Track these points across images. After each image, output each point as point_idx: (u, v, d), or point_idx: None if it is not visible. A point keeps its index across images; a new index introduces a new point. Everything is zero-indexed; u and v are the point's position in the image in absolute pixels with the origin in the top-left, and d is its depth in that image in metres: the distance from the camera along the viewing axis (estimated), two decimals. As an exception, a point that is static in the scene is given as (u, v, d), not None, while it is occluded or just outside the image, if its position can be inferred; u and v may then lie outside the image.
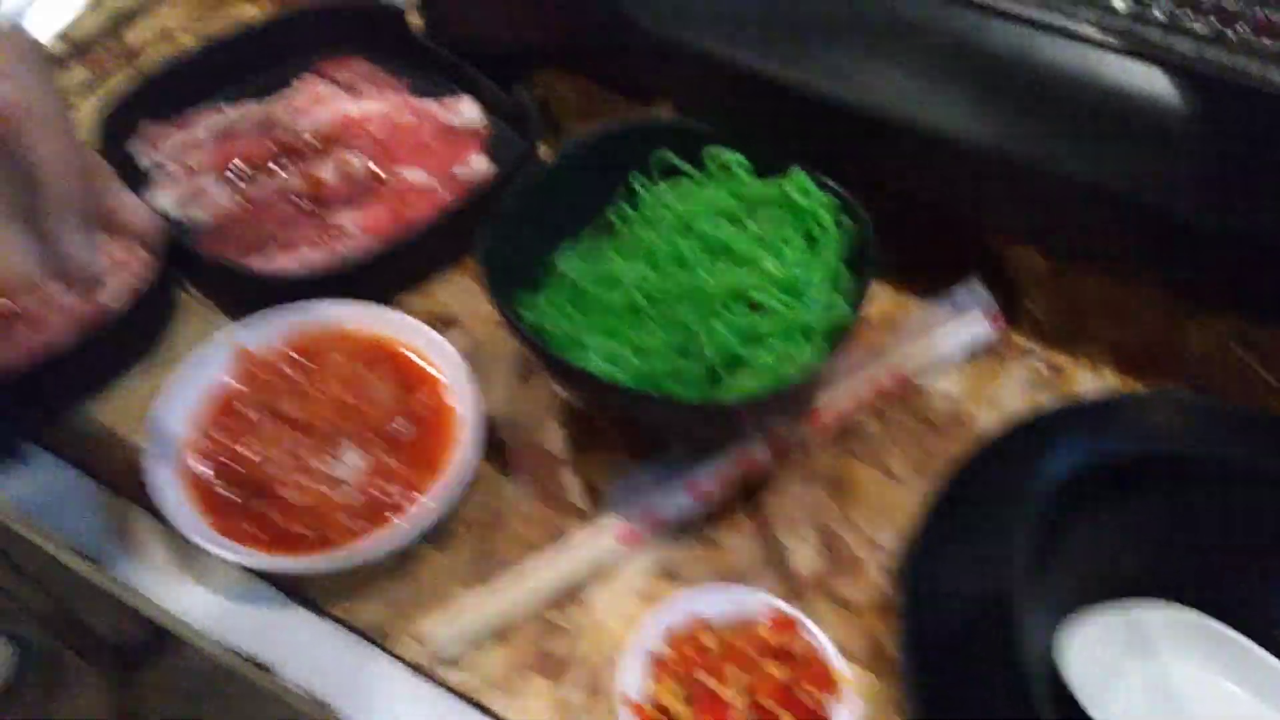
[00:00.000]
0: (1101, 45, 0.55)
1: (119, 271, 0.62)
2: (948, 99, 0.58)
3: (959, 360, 0.63)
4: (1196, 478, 0.49)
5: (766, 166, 0.60)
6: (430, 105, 0.75)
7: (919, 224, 0.64)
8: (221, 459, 0.53)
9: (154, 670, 1.43)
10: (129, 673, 1.40)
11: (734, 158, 0.60)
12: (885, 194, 0.59)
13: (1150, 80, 0.55)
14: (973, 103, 0.58)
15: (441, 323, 0.64)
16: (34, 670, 1.39)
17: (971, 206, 0.63)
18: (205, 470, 0.54)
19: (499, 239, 0.56)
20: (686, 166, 0.62)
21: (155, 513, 0.55)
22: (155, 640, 1.43)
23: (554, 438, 0.59)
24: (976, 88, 0.58)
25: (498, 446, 0.59)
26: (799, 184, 0.58)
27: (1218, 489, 0.49)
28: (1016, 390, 0.62)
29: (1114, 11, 0.56)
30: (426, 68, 0.78)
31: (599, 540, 0.53)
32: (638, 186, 0.62)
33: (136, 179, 0.69)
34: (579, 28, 0.70)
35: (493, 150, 0.73)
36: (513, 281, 0.57)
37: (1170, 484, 0.49)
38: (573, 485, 0.57)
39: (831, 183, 0.58)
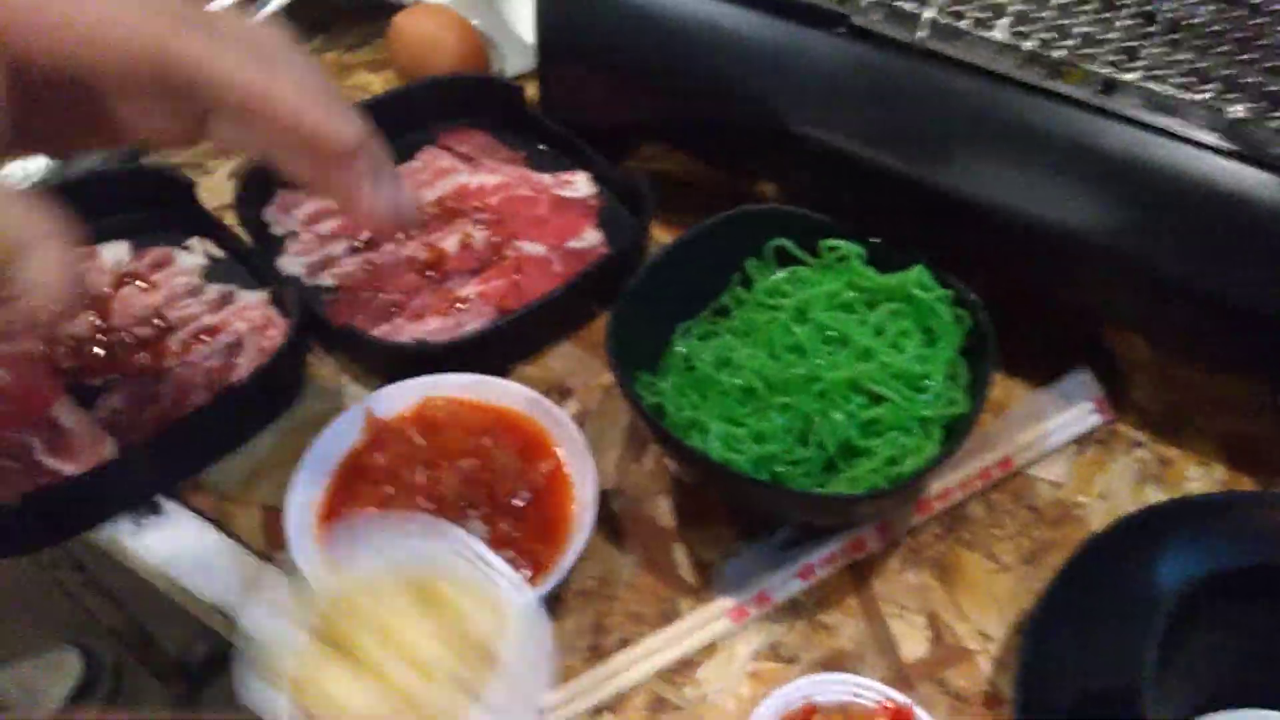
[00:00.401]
0: (1217, 150, 0.56)
1: (255, 334, 0.66)
2: (1063, 196, 0.59)
3: (1067, 449, 0.63)
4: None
5: (880, 257, 0.62)
6: (545, 179, 0.78)
7: (1028, 311, 0.65)
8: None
9: (215, 692, 1.47)
10: (193, 690, 1.43)
11: (853, 249, 0.62)
12: (994, 281, 0.60)
13: (1263, 184, 0.55)
14: (1087, 200, 0.59)
15: (557, 392, 0.66)
16: (100, 682, 1.43)
17: (1082, 298, 0.64)
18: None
19: (623, 323, 0.58)
20: (803, 254, 0.64)
21: (285, 569, 0.58)
22: (221, 660, 1.47)
23: (663, 511, 0.61)
24: (1092, 186, 0.59)
25: (609, 517, 0.60)
26: (919, 279, 0.59)
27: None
28: (1124, 481, 0.62)
29: (1230, 117, 0.57)
30: (542, 140, 0.82)
31: (712, 620, 0.55)
32: (753, 273, 0.64)
33: (271, 244, 0.72)
34: (689, 110, 0.72)
35: (603, 223, 0.76)
36: (633, 361, 0.59)
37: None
38: (682, 560, 0.59)
39: (951, 278, 0.59)
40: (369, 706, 0.41)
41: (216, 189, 0.81)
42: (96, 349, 0.65)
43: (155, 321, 0.66)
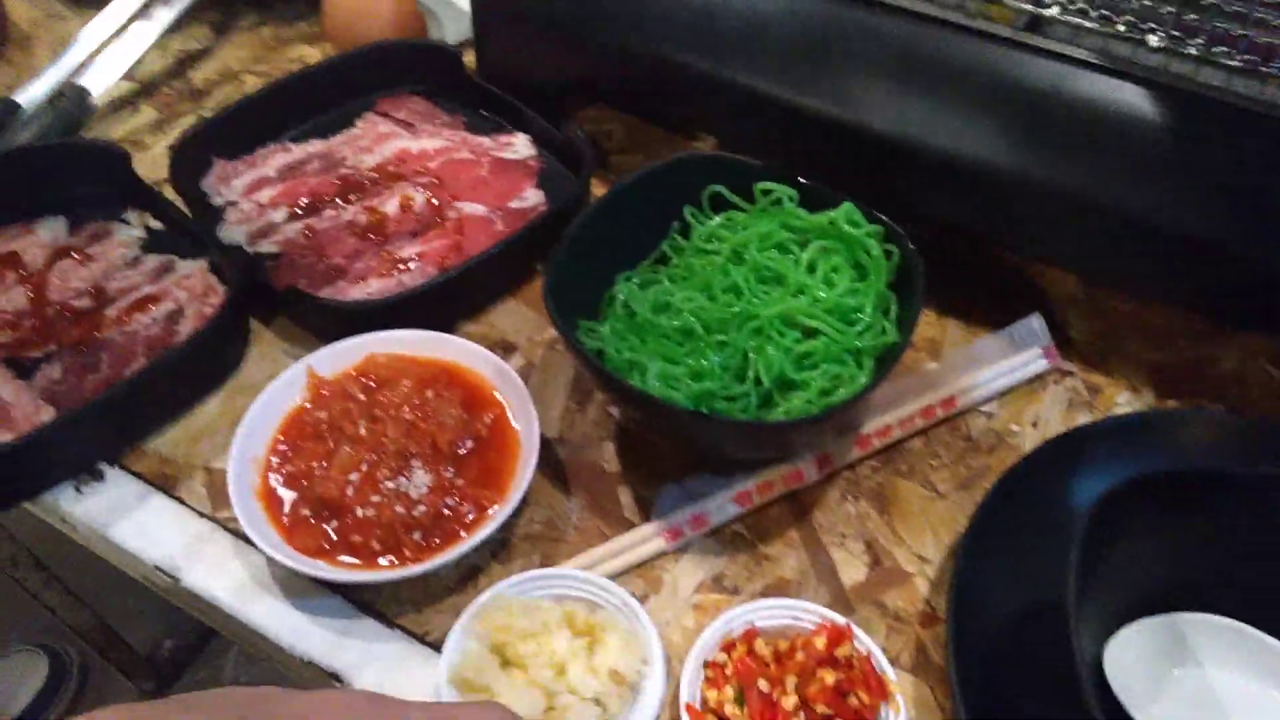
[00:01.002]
0: (1136, 79, 0.57)
1: (195, 302, 0.66)
2: (991, 132, 0.60)
3: (1012, 390, 0.65)
4: (1232, 492, 0.50)
5: (812, 199, 0.63)
6: (485, 141, 0.78)
7: (960, 251, 0.66)
8: (298, 479, 0.56)
9: (186, 686, 1.46)
10: (162, 687, 1.43)
11: (785, 191, 0.63)
12: (927, 223, 0.62)
13: (1183, 112, 0.57)
14: (1011, 135, 0.60)
15: (501, 348, 0.67)
16: (66, 682, 1.42)
17: (1010, 235, 0.66)
18: (282, 490, 0.56)
19: (562, 272, 0.59)
20: (738, 199, 0.65)
21: (230, 529, 0.58)
22: (189, 656, 1.47)
23: (608, 455, 0.62)
24: (1015, 121, 0.60)
25: (554, 464, 0.61)
26: (848, 215, 0.61)
27: (1253, 503, 0.51)
28: (1056, 410, 0.64)
29: (1149, 47, 0.59)
30: (481, 105, 0.82)
31: (645, 540, 0.56)
32: (691, 218, 0.65)
33: (209, 215, 0.72)
34: (624, 68, 0.72)
35: (545, 183, 0.76)
36: (576, 311, 0.60)
37: (1207, 499, 0.50)
38: (626, 500, 0.60)
39: (879, 213, 0.60)
40: (524, 708, 0.47)
41: (155, 163, 0.81)
42: (32, 322, 0.65)
43: (93, 293, 0.66)
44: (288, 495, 0.56)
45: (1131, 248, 0.61)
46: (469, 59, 0.82)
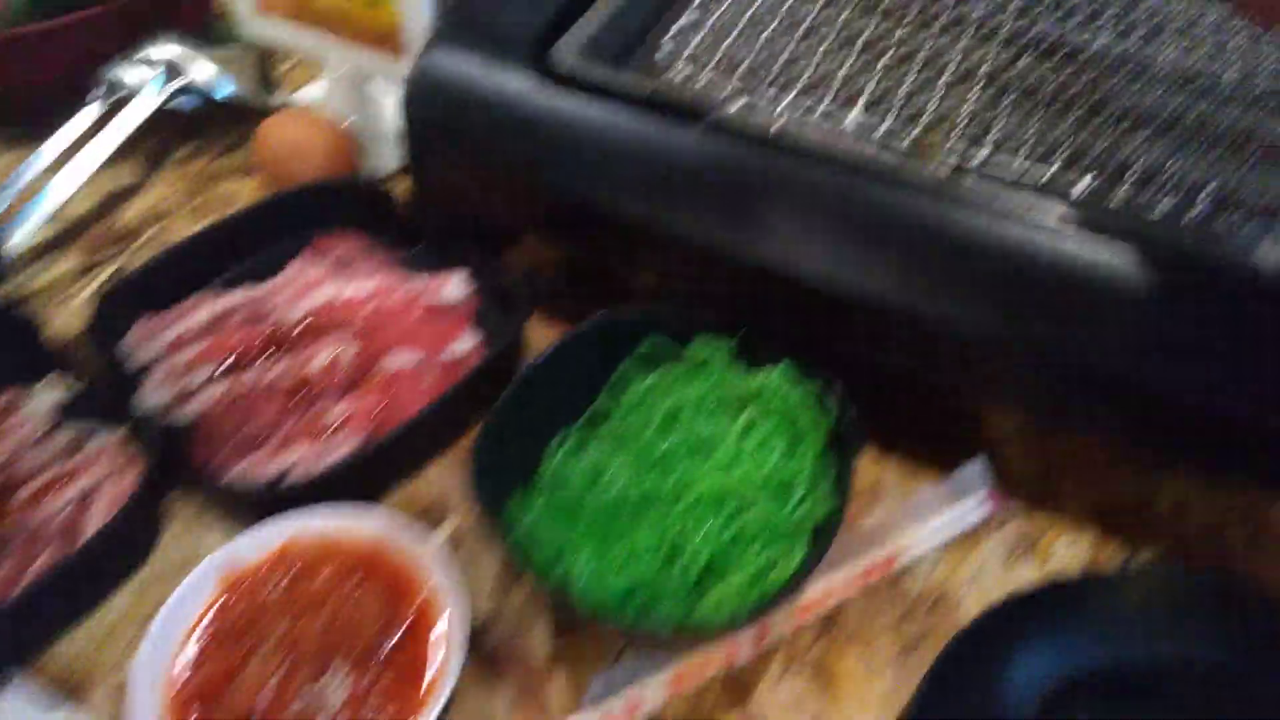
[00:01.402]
0: (1063, 229, 0.57)
1: (110, 481, 0.63)
2: (920, 281, 0.59)
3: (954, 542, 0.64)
4: (1174, 678, 0.49)
5: (750, 348, 0.62)
6: (419, 283, 0.77)
7: (900, 390, 0.65)
8: (209, 692, 0.53)
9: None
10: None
11: (717, 350, 0.62)
12: (865, 366, 0.61)
13: (1109, 258, 0.56)
14: (943, 283, 0.59)
15: (433, 510, 0.65)
16: None
17: (947, 380, 0.65)
18: (193, 705, 0.53)
19: (488, 451, 0.57)
20: (671, 358, 0.64)
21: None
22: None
23: (541, 637, 0.59)
24: (948, 269, 0.59)
25: (482, 653, 0.58)
26: (784, 375, 0.60)
27: (1202, 684, 0.49)
28: (996, 560, 0.62)
29: (1073, 199, 0.58)
30: (416, 239, 0.81)
31: None
32: (626, 376, 0.64)
33: (131, 376, 0.70)
34: (557, 209, 0.71)
35: (483, 320, 0.75)
36: (506, 486, 0.58)
37: (1149, 686, 0.49)
38: (558, 687, 0.57)
39: (815, 371, 0.60)
40: None
41: (78, 314, 0.79)
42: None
43: (-1, 478, 0.64)
44: (197, 712, 0.53)
45: (1065, 389, 0.60)
46: (404, 188, 0.81)
